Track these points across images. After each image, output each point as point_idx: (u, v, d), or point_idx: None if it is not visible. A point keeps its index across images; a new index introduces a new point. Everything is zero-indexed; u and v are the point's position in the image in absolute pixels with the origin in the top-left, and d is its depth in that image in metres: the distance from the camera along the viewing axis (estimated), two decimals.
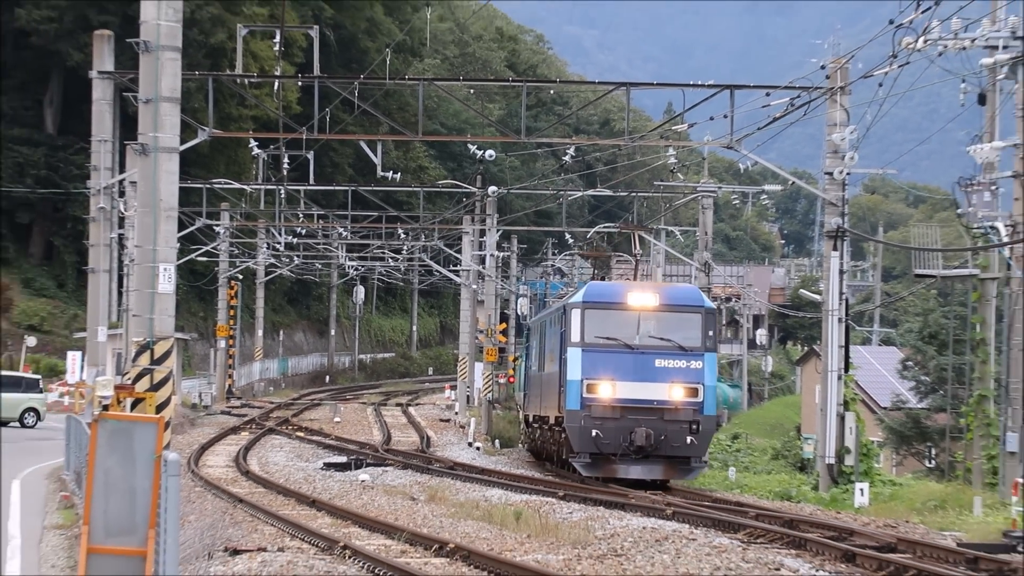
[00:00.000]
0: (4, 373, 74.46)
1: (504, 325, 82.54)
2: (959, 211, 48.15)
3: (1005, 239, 42.35)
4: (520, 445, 67.75)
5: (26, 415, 70.09)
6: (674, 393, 44.60)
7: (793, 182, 67.91)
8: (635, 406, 44.90)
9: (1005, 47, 40.97)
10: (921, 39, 41.01)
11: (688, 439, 44.36)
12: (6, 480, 44.43)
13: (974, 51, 41.79)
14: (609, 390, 44.94)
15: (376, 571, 26.51)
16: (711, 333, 46.12)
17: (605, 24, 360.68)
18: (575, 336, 46.43)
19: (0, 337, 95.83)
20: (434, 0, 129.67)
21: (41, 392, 71.55)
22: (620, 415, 44.75)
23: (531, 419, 60.60)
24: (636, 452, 44.35)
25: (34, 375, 75.94)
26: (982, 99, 43.80)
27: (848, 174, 47.34)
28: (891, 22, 41.46)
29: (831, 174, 46.87)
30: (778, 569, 26.28)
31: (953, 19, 41.05)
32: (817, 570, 26.26)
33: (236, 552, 28.62)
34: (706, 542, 30.49)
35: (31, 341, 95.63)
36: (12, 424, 68.09)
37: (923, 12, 39.98)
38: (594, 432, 44.40)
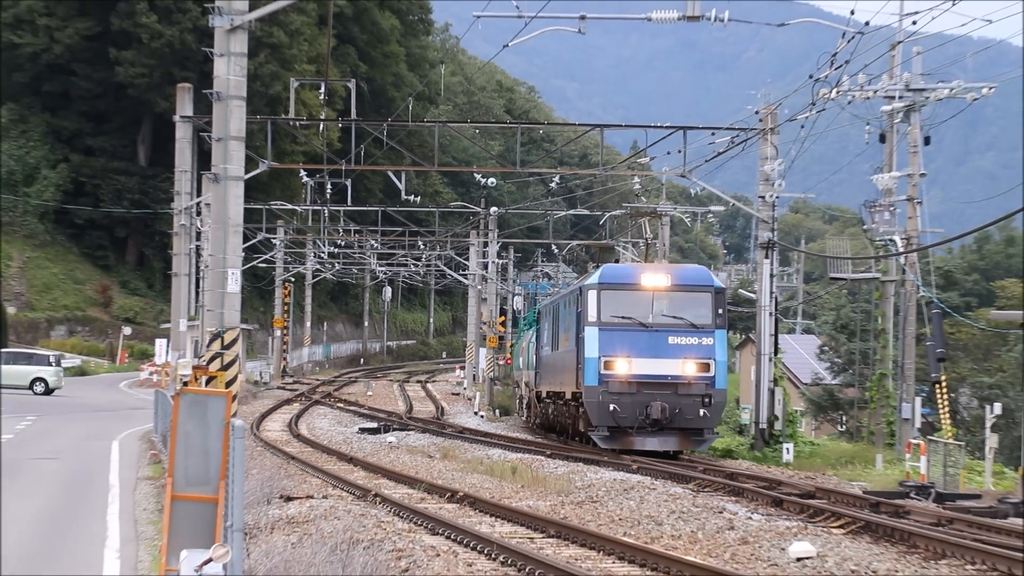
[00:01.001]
0: (15, 349, 74.43)
1: (503, 318, 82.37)
2: (865, 227, 48.16)
3: (901, 249, 43.09)
4: (516, 415, 66.58)
5: (35, 384, 69.23)
6: (687, 368, 40.26)
7: (734, 204, 68.09)
8: (650, 381, 40.34)
9: (900, 97, 41.13)
10: (834, 91, 41.11)
11: (701, 412, 40.17)
12: (108, 441, 44.35)
13: (876, 100, 41.95)
14: (625, 366, 40.25)
15: (400, 514, 26.52)
16: (720, 311, 41.50)
17: (583, 78, 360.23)
18: (592, 316, 41.47)
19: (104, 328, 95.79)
20: (447, 59, 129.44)
21: (52, 366, 71.18)
22: (636, 390, 40.19)
23: (543, 395, 54.27)
24: (652, 425, 40.02)
25: (48, 352, 75.62)
26: (882, 138, 44.07)
27: (777, 197, 47.21)
28: (811, 77, 41.47)
29: (763, 197, 46.71)
30: (721, 512, 26.24)
31: (859, 74, 41.10)
32: (752, 513, 26.21)
33: (289, 499, 28.61)
34: (664, 491, 30.49)
35: (127, 330, 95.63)
36: (24, 391, 67.66)
37: (836, 68, 40.00)
38: (611, 406, 39.89)
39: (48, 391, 68.49)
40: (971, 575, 18.96)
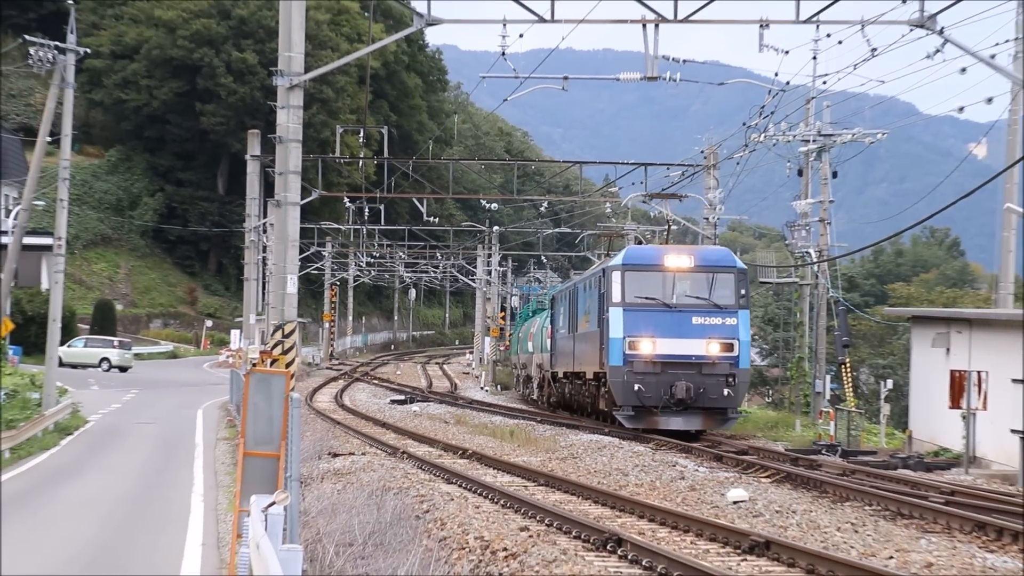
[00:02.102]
0: (88, 337, 74.48)
1: (503, 314, 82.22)
2: (786, 242, 47.89)
3: (814, 260, 42.98)
4: (514, 389, 65.57)
5: (102, 362, 69.42)
6: (711, 348, 33.76)
7: (684, 224, 68.18)
8: (675, 361, 33.88)
9: (813, 141, 41.04)
10: (763, 135, 41.05)
11: (725, 391, 33.54)
12: (194, 410, 44.35)
13: (795, 143, 41.84)
14: (650, 347, 33.80)
15: (422, 467, 26.49)
16: (743, 292, 35.15)
17: (566, 126, 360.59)
18: (616, 297, 34.75)
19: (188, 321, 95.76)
20: (459, 110, 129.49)
21: (116, 348, 71.44)
22: (661, 370, 33.70)
23: (560, 375, 46.88)
24: (676, 404, 33.40)
25: (114, 338, 75.39)
26: (800, 172, 43.92)
27: (718, 219, 47.11)
28: (744, 124, 41.53)
29: (707, 219, 46.53)
30: (674, 465, 26.21)
31: (782, 123, 41.06)
32: (699, 466, 26.16)
33: (335, 455, 28.58)
34: (629, 449, 30.45)
35: (209, 323, 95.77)
36: (93, 367, 68.14)
37: (764, 118, 40.03)
38: (636, 386, 33.45)
39: (111, 368, 68.77)
40: (869, 513, 18.93)
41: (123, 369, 68.99)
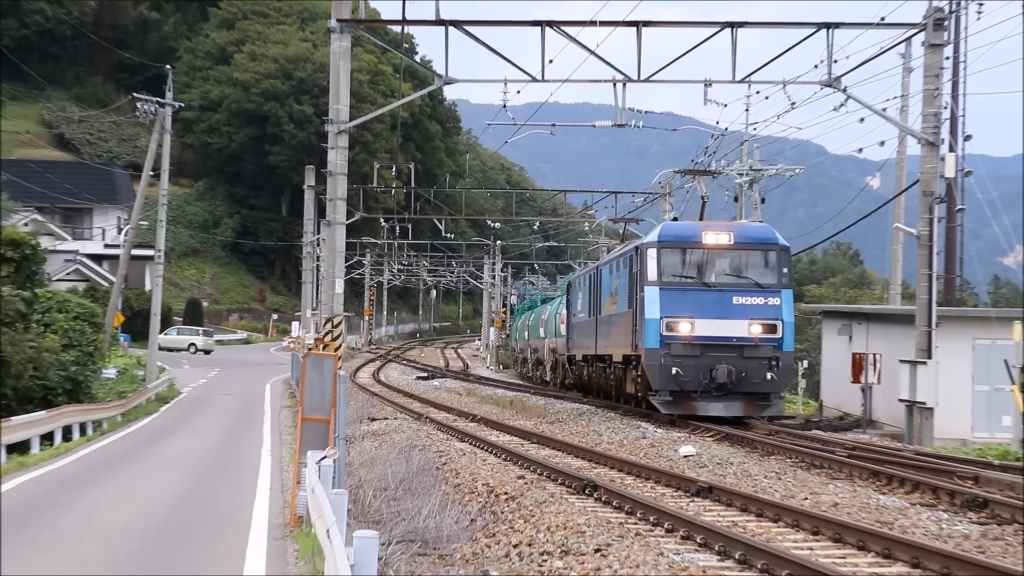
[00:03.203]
0: (180, 327, 74.51)
1: (504, 310, 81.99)
2: None
3: None
4: (512, 368, 65.16)
5: (190, 347, 69.49)
6: (753, 330, 26.48)
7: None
8: (715, 343, 26.49)
9: (746, 174, 40.96)
10: (709, 164, 41.18)
11: (768, 375, 26.29)
12: (263, 384, 44.37)
13: (731, 175, 41.73)
14: (688, 328, 26.44)
15: (441, 429, 26.49)
16: (786, 270, 27.32)
17: (553, 162, 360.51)
18: (651, 275, 26.98)
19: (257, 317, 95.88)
20: (470, 149, 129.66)
21: (200, 336, 71.62)
22: (700, 352, 26.42)
23: (577, 358, 38.86)
24: (717, 389, 26.29)
25: (199, 327, 75.54)
26: (736, 199, 43.85)
27: None
28: (692, 161, 41.57)
29: None
30: (639, 427, 26.19)
31: (722, 160, 41.03)
32: (657, 429, 26.07)
33: (373, 419, 28.60)
34: (603, 415, 30.42)
35: (274, 316, 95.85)
36: (183, 351, 68.22)
37: (707, 156, 40.05)
38: (674, 370, 26.25)
39: (196, 351, 68.95)
40: (789, 465, 18.92)
41: (207, 352, 69.15)
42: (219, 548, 11.56)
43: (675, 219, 32.74)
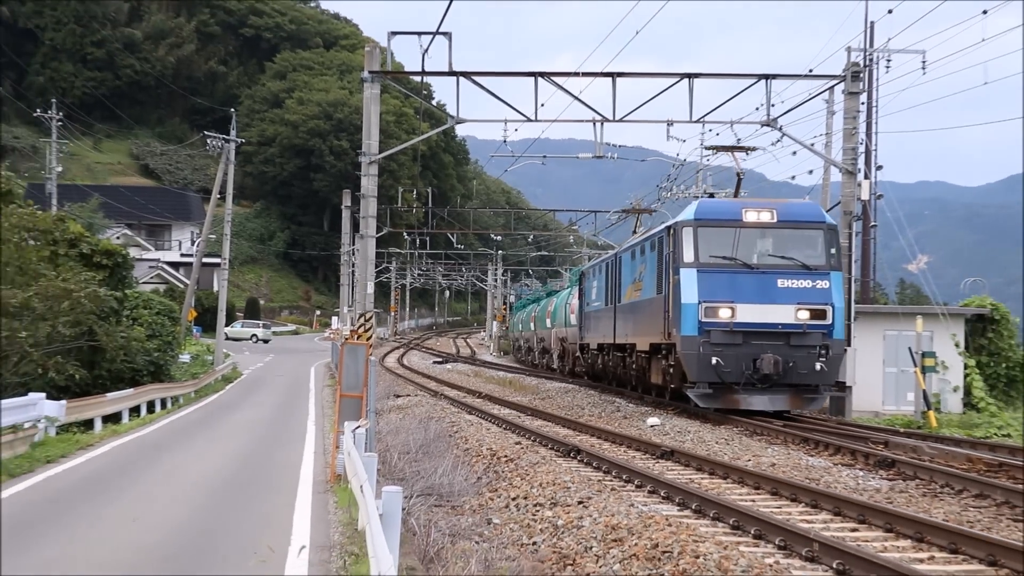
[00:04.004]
0: (244, 320, 74.20)
1: (504, 307, 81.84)
2: None
3: None
4: (511, 355, 64.71)
5: (252, 337, 69.19)
6: (800, 316, 20.45)
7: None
8: (759, 330, 20.45)
9: (700, 197, 40.83)
10: (670, 193, 40.99)
11: (817, 365, 20.31)
12: (308, 367, 44.33)
13: (689, 198, 41.34)
14: (729, 314, 20.44)
15: (453, 404, 26.43)
16: (834, 251, 21.17)
17: (545, 187, 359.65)
18: (688, 256, 20.93)
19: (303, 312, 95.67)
20: (476, 176, 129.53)
21: (260, 328, 71.47)
22: (742, 341, 20.43)
23: (591, 347, 32.09)
24: (761, 381, 20.35)
25: (259, 321, 75.25)
26: None
27: None
28: (658, 187, 41.55)
29: None
30: (614, 402, 26.18)
31: (681, 185, 40.97)
32: (629, 403, 26.05)
33: (398, 396, 28.58)
34: (584, 392, 30.40)
35: (318, 312, 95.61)
36: (246, 340, 67.66)
37: (670, 182, 40.02)
38: (714, 360, 20.22)
39: (257, 341, 68.88)
40: (736, 433, 18.89)
41: (266, 341, 69.22)
42: (275, 498, 11.57)
43: (711, 195, 25.37)
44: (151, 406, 23.95)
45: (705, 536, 9.46)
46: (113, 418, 20.88)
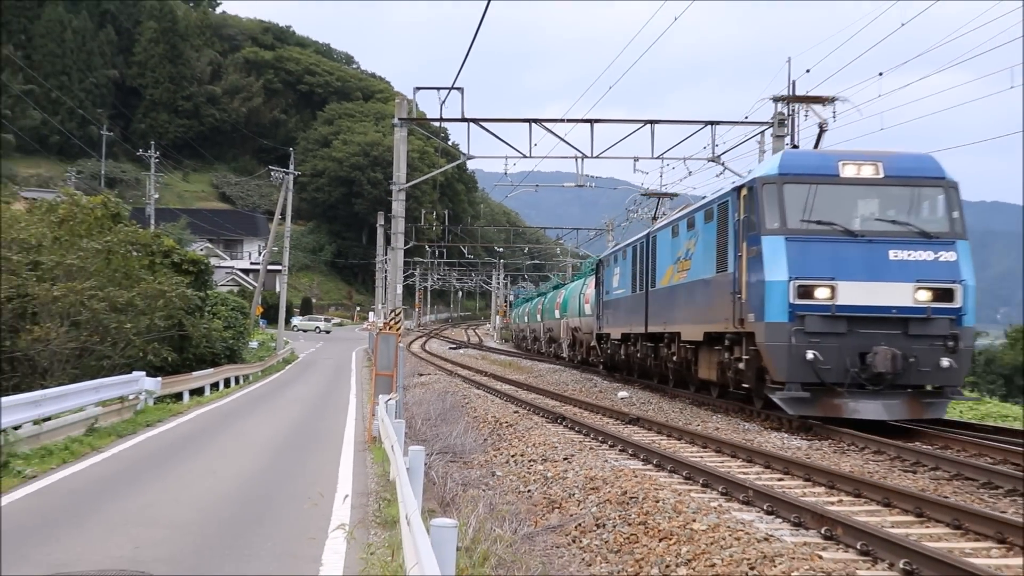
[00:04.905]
0: (311, 315, 74.59)
1: (505, 304, 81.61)
2: None
3: None
4: (511, 343, 64.39)
5: (316, 328, 68.87)
6: (921, 296, 10.84)
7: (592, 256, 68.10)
8: (868, 316, 10.99)
9: (660, 218, 40.45)
10: (636, 215, 40.82)
11: (944, 361, 10.85)
12: (351, 352, 44.26)
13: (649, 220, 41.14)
14: (827, 294, 10.92)
15: (465, 381, 26.35)
16: (957, 214, 11.21)
17: (537, 210, 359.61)
18: (772, 221, 11.33)
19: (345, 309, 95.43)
20: (483, 201, 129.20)
21: (323, 321, 71.50)
22: (847, 329, 11.03)
23: (613, 337, 24.26)
24: (872, 381, 10.99)
25: (322, 317, 74.67)
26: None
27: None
28: (627, 209, 41.27)
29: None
30: (591, 380, 26.13)
31: (646, 208, 40.67)
32: (604, 380, 25.96)
33: (421, 375, 28.53)
34: (569, 371, 30.32)
35: (358, 308, 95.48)
36: (311, 331, 67.17)
37: (636, 205, 39.79)
38: (810, 354, 10.99)
39: (320, 331, 68.73)
40: (687, 404, 18.85)
41: (327, 331, 69.48)
42: (325, 454, 11.57)
43: (795, 147, 16.72)
44: (227, 382, 23.93)
45: (664, 485, 9.46)
46: (197, 391, 20.88)
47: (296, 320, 67.95)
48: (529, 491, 10.12)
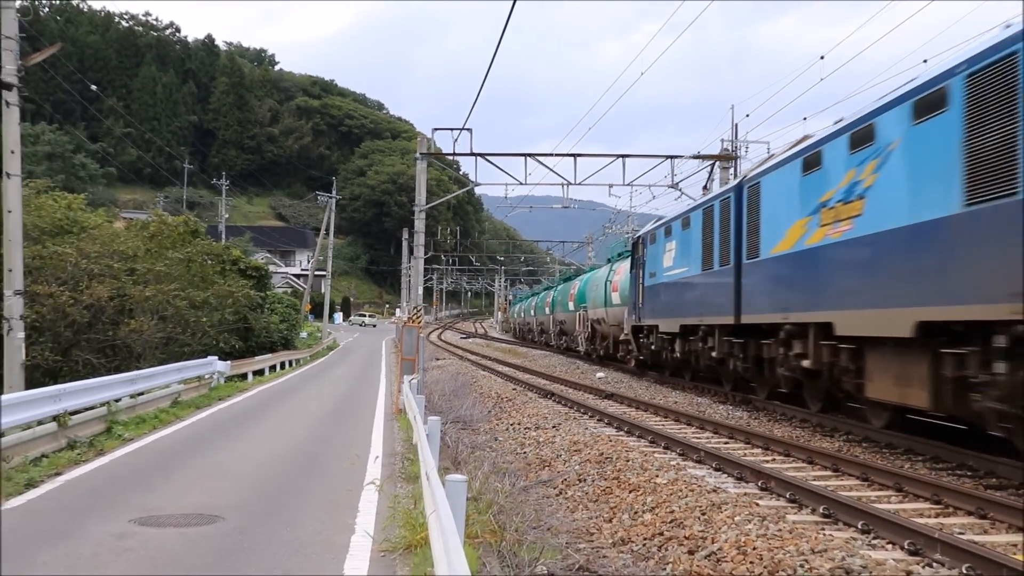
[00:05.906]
0: (358, 313, 74.45)
1: (505, 302, 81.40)
2: None
3: None
4: (511, 334, 62.78)
5: (364, 324, 68.75)
6: None
7: (579, 266, 67.74)
8: None
9: (630, 235, 39.88)
10: (611, 230, 40.73)
11: None
12: (381, 341, 44.15)
13: (623, 236, 39.77)
14: None
15: (474, 365, 26.25)
16: None
17: (531, 225, 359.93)
18: None
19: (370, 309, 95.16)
20: (488, 219, 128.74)
21: (366, 317, 71.47)
22: None
23: (661, 330, 14.42)
24: None
25: (366, 315, 74.59)
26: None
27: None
28: (604, 227, 41.18)
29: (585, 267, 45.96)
30: (575, 363, 26.01)
31: (619, 226, 40.61)
32: (584, 363, 25.93)
33: (437, 359, 28.44)
34: (556, 357, 30.12)
35: (387, 306, 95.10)
36: (361, 325, 67.32)
37: (611, 223, 39.64)
38: None
39: (365, 325, 68.53)
40: (652, 382, 18.80)
41: (373, 325, 69.51)
42: (362, 421, 11.60)
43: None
44: (283, 365, 23.91)
45: (633, 448, 9.47)
46: (259, 372, 20.86)
47: (353, 317, 68.43)
48: (524, 452, 10.15)
